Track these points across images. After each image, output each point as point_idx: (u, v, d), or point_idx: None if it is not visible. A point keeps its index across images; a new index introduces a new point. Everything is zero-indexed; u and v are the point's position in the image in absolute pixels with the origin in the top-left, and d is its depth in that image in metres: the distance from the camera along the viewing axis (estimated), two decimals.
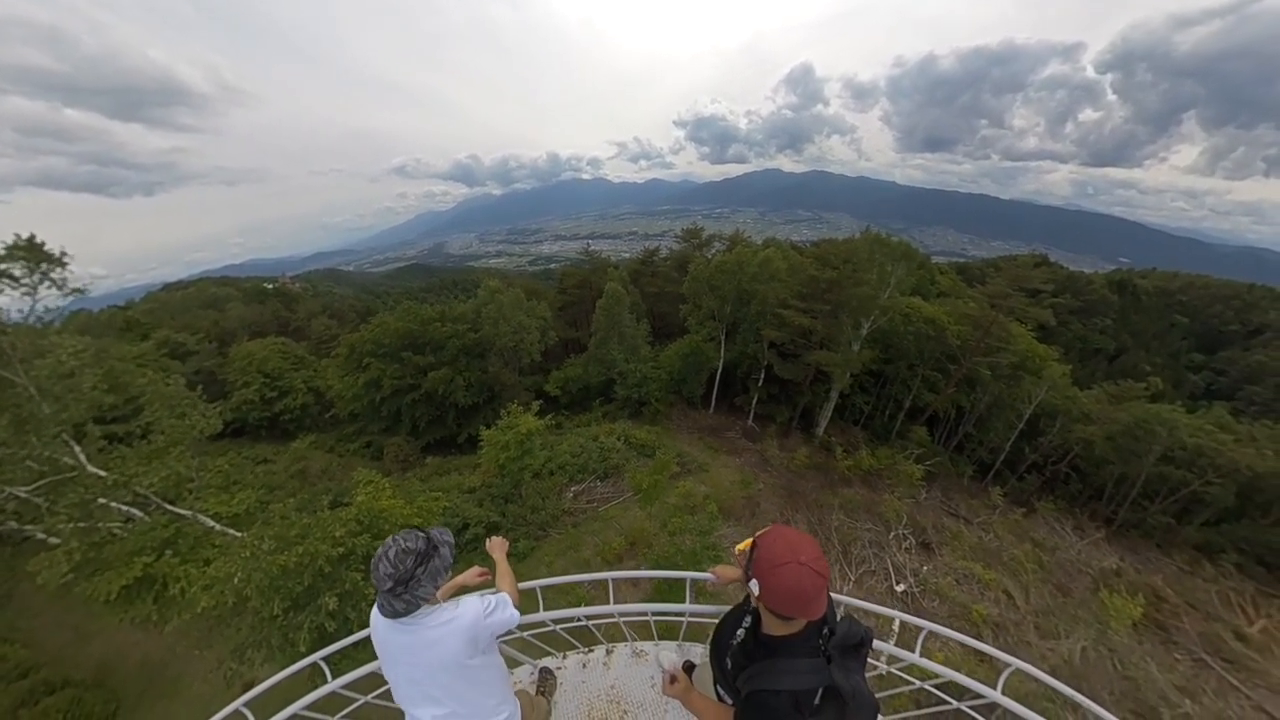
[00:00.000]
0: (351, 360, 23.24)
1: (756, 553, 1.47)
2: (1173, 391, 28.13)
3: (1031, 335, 23.13)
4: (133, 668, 9.64)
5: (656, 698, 3.07)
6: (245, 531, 10.49)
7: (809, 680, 1.43)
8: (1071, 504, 21.91)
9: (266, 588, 7.12)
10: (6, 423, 7.93)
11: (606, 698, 3.10)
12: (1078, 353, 34.10)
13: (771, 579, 1.39)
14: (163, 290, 51.63)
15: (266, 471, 18.02)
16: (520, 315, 24.68)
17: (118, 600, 9.71)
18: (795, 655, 1.48)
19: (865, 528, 16.09)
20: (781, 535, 1.48)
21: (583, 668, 3.31)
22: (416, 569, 1.71)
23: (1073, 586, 15.90)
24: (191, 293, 47.19)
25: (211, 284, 54.88)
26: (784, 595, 1.39)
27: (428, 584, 1.75)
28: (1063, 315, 35.49)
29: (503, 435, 16.31)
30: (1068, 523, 20.21)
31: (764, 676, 1.48)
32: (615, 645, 3.42)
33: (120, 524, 10.63)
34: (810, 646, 1.49)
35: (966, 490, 21.74)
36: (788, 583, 1.37)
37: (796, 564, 1.37)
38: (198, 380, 17.98)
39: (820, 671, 1.44)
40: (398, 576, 1.68)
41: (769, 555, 1.42)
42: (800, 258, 23.86)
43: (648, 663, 3.28)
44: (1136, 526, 20.53)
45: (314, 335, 35.77)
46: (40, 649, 9.85)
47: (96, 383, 9.39)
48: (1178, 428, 19.14)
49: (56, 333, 9.38)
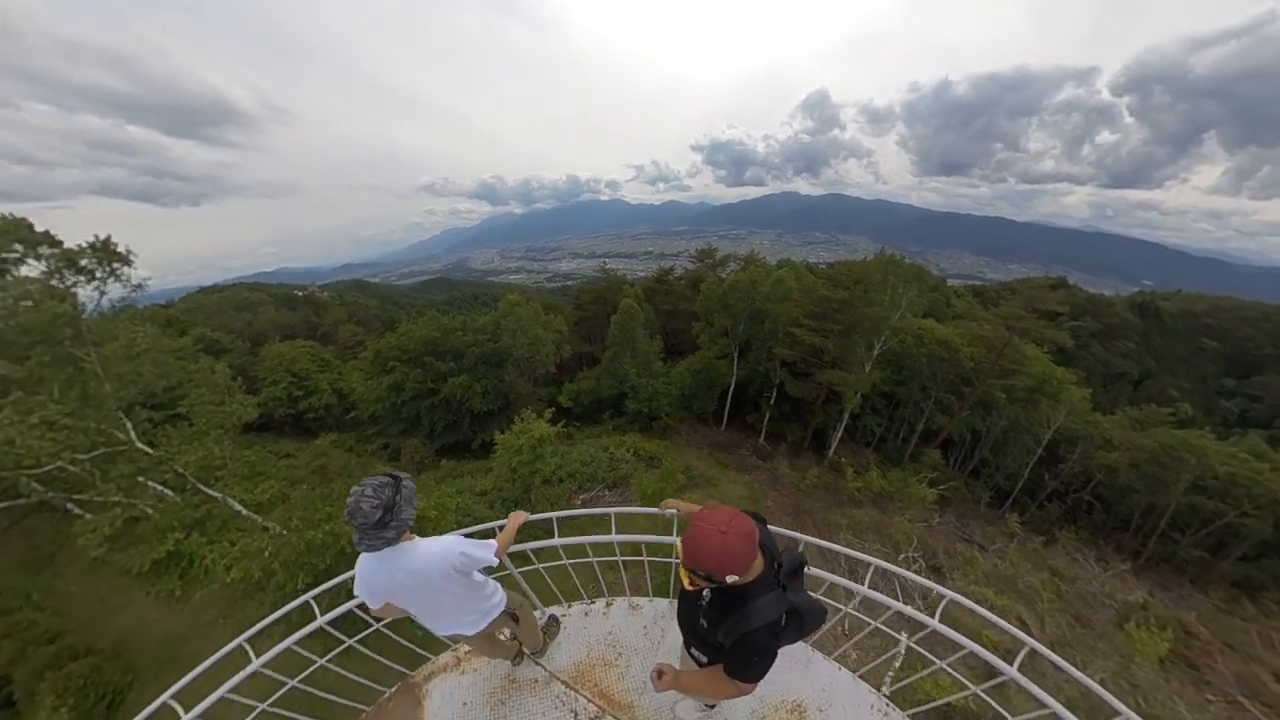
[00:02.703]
0: (377, 364, 24.16)
1: (688, 528, 1.62)
2: (1203, 417, 27.03)
3: (1049, 358, 22.73)
4: (153, 642, 10.04)
5: (648, 644, 3.34)
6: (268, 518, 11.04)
7: (776, 610, 1.69)
8: (1095, 534, 21.09)
9: (292, 562, 7.54)
10: (74, 397, 8.72)
11: (604, 642, 3.38)
12: (1100, 377, 33.12)
13: (689, 544, 1.57)
14: (199, 292, 54.32)
15: (289, 465, 18.69)
16: (537, 328, 25.39)
17: (148, 573, 10.27)
18: (761, 595, 1.68)
19: (873, 549, 15.83)
20: (708, 513, 1.62)
21: (585, 616, 3.59)
22: (395, 496, 1.93)
23: (1094, 618, 15.24)
24: (226, 295, 49.51)
25: (244, 289, 57.56)
26: (698, 556, 1.55)
27: (407, 509, 1.98)
28: (1083, 338, 34.72)
29: (516, 440, 16.72)
30: (1090, 553, 19.42)
31: (743, 621, 1.66)
32: (615, 599, 3.71)
33: (153, 503, 11.28)
34: (769, 582, 1.71)
35: (983, 517, 21.17)
36: (699, 545, 1.54)
37: (717, 533, 1.53)
38: (231, 375, 18.99)
39: (781, 600, 1.69)
40: (384, 504, 1.89)
41: (694, 529, 1.58)
42: (813, 278, 24.17)
43: (642, 615, 3.56)
44: (1167, 560, 19.60)
45: (341, 340, 37.14)
46: (69, 616, 10.35)
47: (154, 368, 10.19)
48: (1208, 455, 18.39)
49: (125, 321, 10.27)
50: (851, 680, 3.09)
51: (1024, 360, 21.02)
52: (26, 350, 8.59)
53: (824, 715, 2.90)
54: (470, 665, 3.28)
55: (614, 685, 3.07)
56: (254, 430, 23.45)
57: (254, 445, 19.47)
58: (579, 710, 2.92)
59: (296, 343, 29.43)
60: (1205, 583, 18.61)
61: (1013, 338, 20.88)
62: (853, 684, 3.08)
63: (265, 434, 24.82)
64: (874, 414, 24.12)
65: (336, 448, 22.75)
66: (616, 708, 2.91)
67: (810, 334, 20.85)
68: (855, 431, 24.30)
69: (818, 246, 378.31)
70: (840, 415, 22.70)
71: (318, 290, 69.75)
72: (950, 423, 22.78)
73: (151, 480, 11.20)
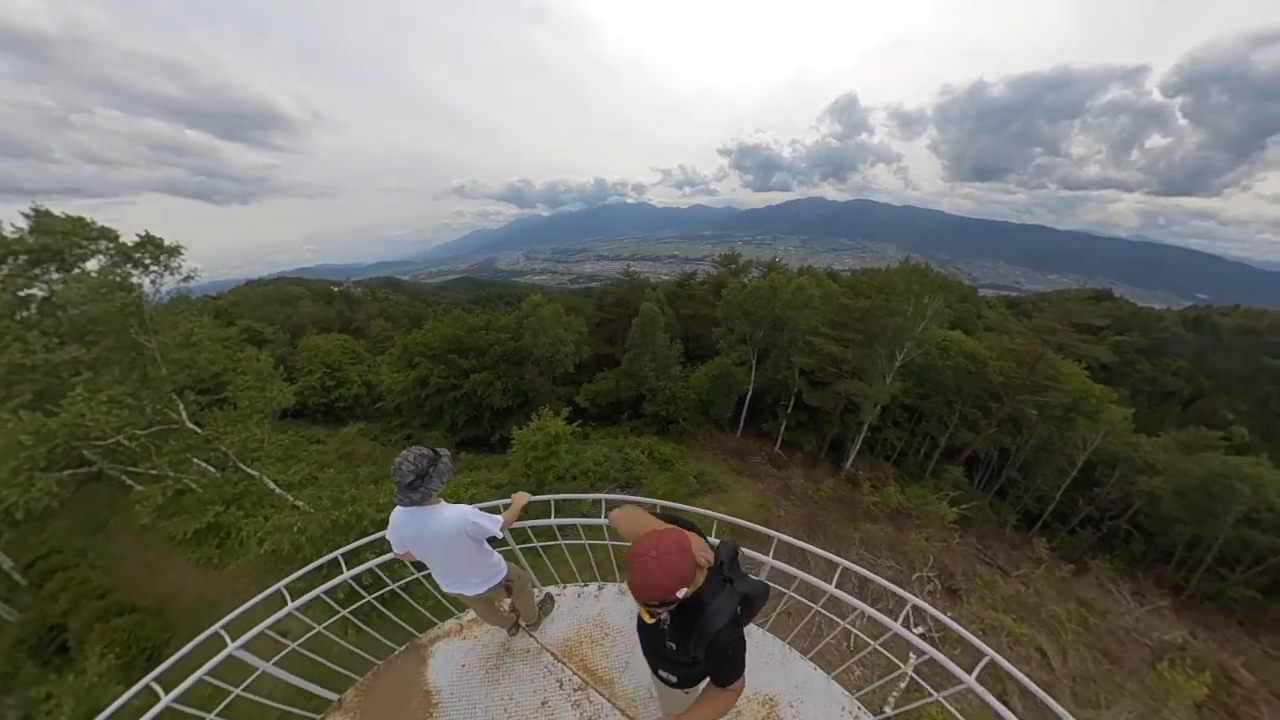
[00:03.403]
0: (404, 358, 25.18)
1: (629, 569, 1.63)
2: (1261, 443, 24.98)
3: (1087, 374, 21.61)
4: (189, 604, 10.81)
5: (633, 627, 3.54)
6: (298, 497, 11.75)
7: (731, 604, 1.74)
8: (1132, 565, 19.93)
9: (319, 539, 8.07)
10: (135, 379, 9.64)
11: (593, 622, 3.60)
12: (1146, 396, 31.07)
13: (635, 583, 1.58)
14: (246, 285, 57.70)
15: (319, 450, 19.71)
16: (559, 328, 25.91)
17: (189, 541, 11.10)
18: (714, 596, 1.73)
19: (886, 565, 15.48)
20: (637, 545, 1.64)
21: (578, 596, 3.82)
22: (429, 468, 2.38)
23: (1124, 656, 14.44)
24: (270, 289, 52.41)
25: (287, 283, 60.74)
26: (647, 589, 1.58)
27: (436, 480, 2.41)
28: (1128, 354, 32.71)
29: (532, 436, 17.17)
30: (1125, 586, 18.39)
31: (707, 627, 1.70)
32: (606, 583, 3.93)
33: (198, 478, 12.18)
34: (717, 581, 1.77)
35: (1008, 540, 20.33)
36: (643, 579, 1.57)
37: (651, 560, 1.57)
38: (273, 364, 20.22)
39: (733, 593, 1.76)
40: (418, 471, 2.34)
41: (632, 566, 1.60)
42: (835, 285, 23.85)
43: (630, 599, 3.75)
44: (1213, 598, 18.35)
45: (372, 335, 38.78)
46: (117, 576, 11.27)
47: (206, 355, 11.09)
48: (1264, 485, 17.06)
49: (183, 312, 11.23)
50: (825, 681, 3.15)
51: (1059, 376, 20.12)
52: (95, 336, 9.58)
53: (794, 711, 2.98)
54: (471, 632, 3.55)
55: (599, 662, 3.27)
56: (289, 416, 24.78)
57: (289, 430, 20.64)
58: (564, 681, 3.14)
59: (331, 336, 30.97)
60: (1255, 625, 17.33)
61: (1046, 352, 20.05)
62: (826, 685, 3.14)
63: (299, 420, 26.17)
64: (895, 427, 23.54)
65: (363, 436, 23.80)
66: (599, 682, 3.12)
67: (829, 343, 20.59)
68: (875, 444, 23.76)
69: (843, 253, 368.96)
70: (859, 427, 22.28)
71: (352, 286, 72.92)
72: (976, 439, 22.02)
73: (198, 457, 12.12)
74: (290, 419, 25.03)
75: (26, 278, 9.50)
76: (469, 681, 3.19)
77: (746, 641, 1.84)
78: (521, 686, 3.13)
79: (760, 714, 2.97)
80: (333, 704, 3.16)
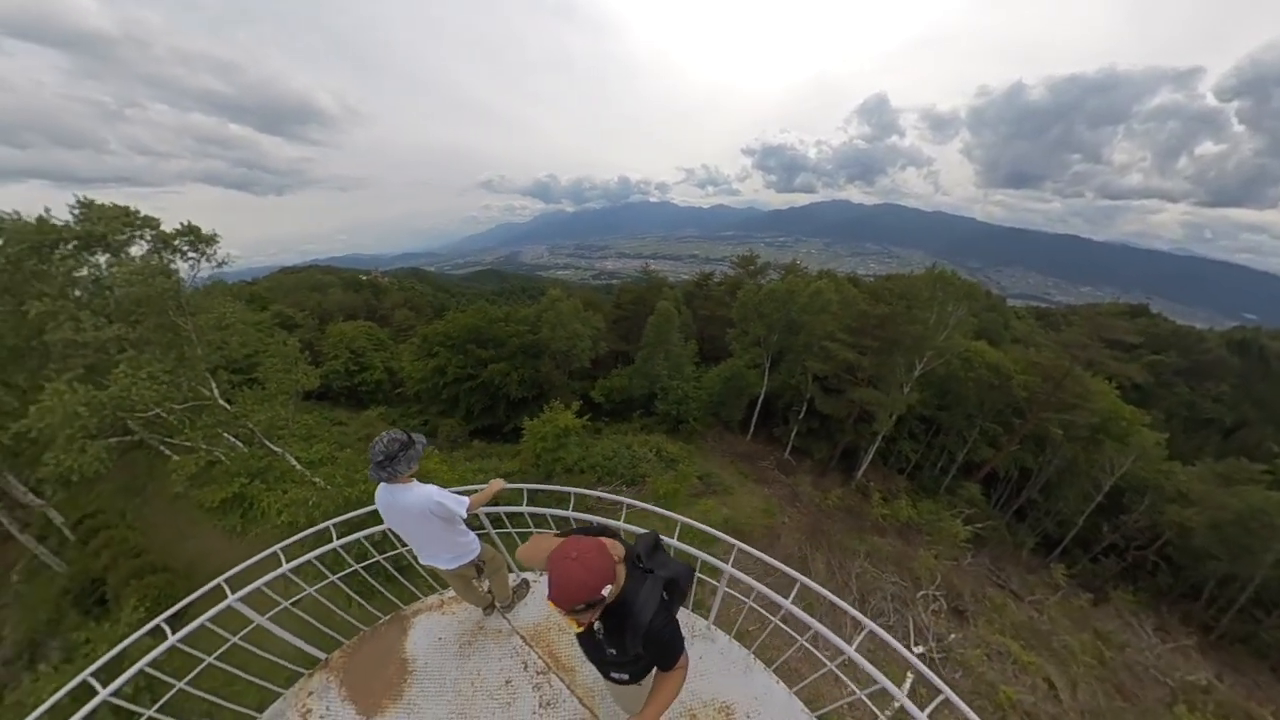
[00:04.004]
0: (424, 347, 26.00)
1: (550, 581, 1.61)
2: None
3: (1117, 394, 20.62)
4: (214, 567, 11.50)
5: None
6: (316, 474, 12.38)
7: (656, 592, 1.78)
8: (1157, 599, 18.96)
9: (331, 514, 8.51)
10: (173, 358, 10.40)
11: None
12: (1182, 421, 29.26)
13: (558, 590, 1.57)
14: (279, 272, 60.41)
15: (340, 431, 20.59)
16: (576, 323, 26.26)
17: (216, 509, 11.85)
18: (638, 590, 1.77)
19: (890, 580, 15.17)
20: (554, 554, 1.64)
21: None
22: (400, 451, 2.57)
23: (1140, 694, 13.78)
24: (302, 277, 54.72)
25: (318, 271, 63.25)
26: (570, 592, 1.55)
27: (404, 463, 2.60)
28: (1165, 375, 30.82)
29: (543, 427, 17.54)
30: (1148, 620, 17.51)
31: (638, 621, 1.73)
32: None
33: (227, 452, 12.96)
34: (638, 575, 1.81)
35: (1023, 563, 19.63)
36: (565, 582, 1.55)
37: (572, 563, 1.57)
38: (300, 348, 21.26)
39: (656, 582, 1.81)
40: (388, 453, 2.54)
41: (552, 575, 1.59)
42: (855, 291, 23.40)
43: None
44: (1245, 641, 17.32)
45: (396, 323, 40.09)
46: (152, 538, 12.15)
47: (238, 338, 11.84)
48: None
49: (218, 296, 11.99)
50: (787, 695, 3.11)
51: (1087, 394, 19.26)
52: (138, 317, 10.35)
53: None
54: (450, 609, 3.78)
55: (564, 649, 3.42)
56: (314, 398, 25.94)
57: (312, 411, 21.60)
58: (529, 663, 3.31)
59: (357, 323, 32.19)
60: None
61: (1074, 368, 19.22)
62: (787, 699, 3.09)
63: (323, 402, 27.36)
64: (910, 439, 22.97)
65: (382, 420, 24.71)
66: (561, 668, 3.27)
67: (846, 349, 20.24)
68: (888, 456, 23.25)
69: (868, 258, 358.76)
70: (872, 436, 21.85)
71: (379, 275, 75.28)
72: (996, 456, 21.31)
73: (227, 432, 12.93)
74: (315, 400, 26.19)
75: (77, 260, 10.31)
76: (443, 654, 3.40)
77: (681, 626, 1.90)
78: (490, 664, 3.31)
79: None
80: (320, 662, 3.43)
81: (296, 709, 3.12)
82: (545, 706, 3.06)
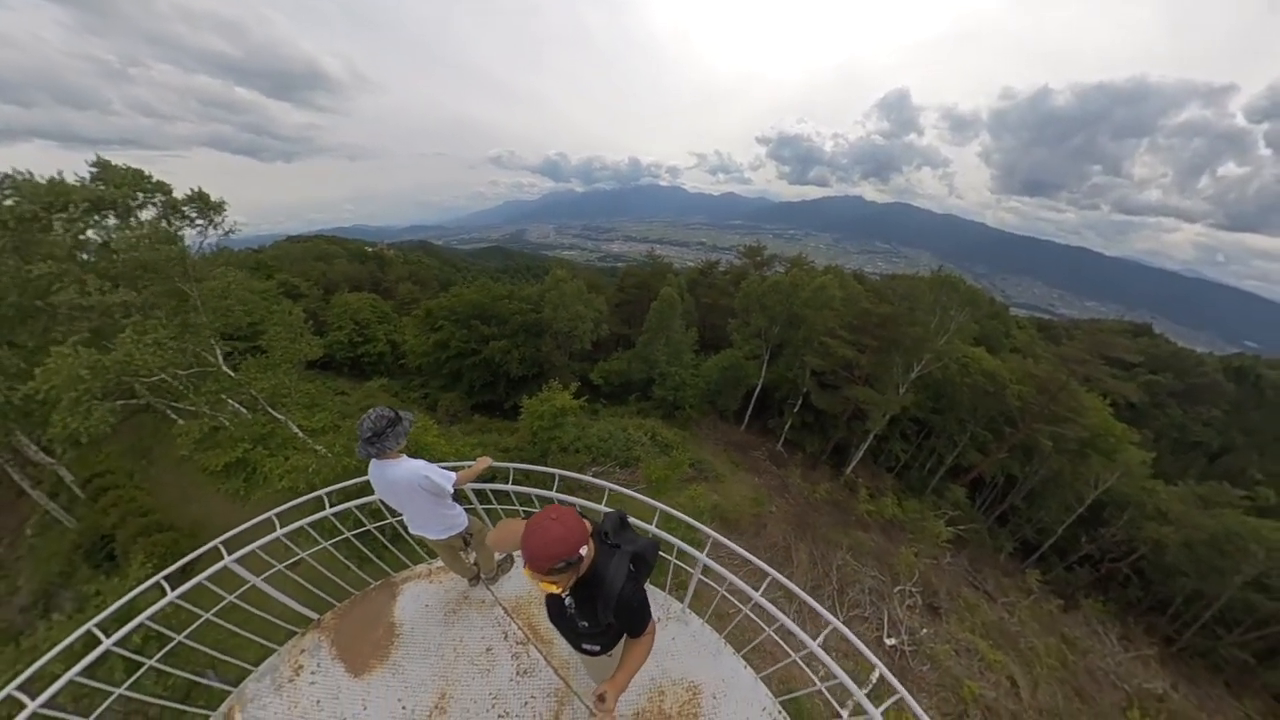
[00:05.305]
0: (428, 321, 26.15)
1: (525, 543, 1.72)
2: None
3: (1111, 411, 20.83)
4: (217, 528, 11.95)
5: None
6: (317, 441, 12.70)
7: (624, 565, 1.88)
8: (1125, 610, 19.51)
9: (330, 481, 8.82)
10: (178, 324, 10.60)
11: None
12: (1171, 442, 29.52)
13: (537, 550, 1.68)
14: (286, 240, 60.09)
15: (342, 401, 20.91)
16: (579, 305, 26.30)
17: (220, 473, 12.22)
18: (607, 563, 1.86)
19: (870, 574, 15.62)
20: (531, 520, 1.75)
21: None
22: (387, 428, 2.71)
23: (1098, 697, 14.34)
24: (308, 246, 54.41)
25: (324, 241, 62.86)
26: (551, 549, 1.66)
27: (391, 441, 2.73)
28: (1159, 396, 30.98)
29: (540, 406, 17.82)
30: (1114, 629, 18.06)
31: (609, 592, 1.82)
32: None
33: (230, 417, 13.28)
34: (607, 550, 1.91)
35: (1000, 567, 20.12)
36: (545, 540, 1.68)
37: (552, 522, 1.69)
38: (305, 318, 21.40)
39: (623, 556, 1.91)
40: (375, 430, 2.67)
41: (530, 536, 1.71)
42: (859, 288, 23.37)
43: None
44: (1204, 655, 17.92)
45: (400, 296, 40.12)
46: (158, 498, 12.58)
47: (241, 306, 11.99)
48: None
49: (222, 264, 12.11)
50: (753, 680, 3.26)
51: (1080, 409, 19.44)
52: (145, 281, 10.48)
53: (715, 703, 3.10)
54: (438, 579, 4.04)
55: (542, 622, 3.64)
56: (317, 367, 26.23)
57: (315, 380, 21.91)
58: (509, 634, 3.57)
59: (362, 294, 32.28)
60: (1242, 689, 16.88)
61: (1070, 382, 19.35)
62: (753, 683, 3.21)
63: (326, 371, 27.67)
64: (902, 439, 23.25)
65: (384, 391, 25.03)
66: (539, 639, 3.52)
67: (845, 346, 20.35)
68: (879, 454, 23.57)
69: (876, 256, 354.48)
70: (865, 434, 22.14)
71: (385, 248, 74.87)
72: (984, 462, 21.60)
73: (231, 399, 13.21)
74: (318, 370, 26.49)
75: (85, 222, 10.39)
76: (428, 620, 3.67)
77: (650, 604, 2.02)
78: (472, 632, 3.58)
79: (682, 698, 3.13)
80: (313, 622, 3.71)
81: (289, 664, 3.38)
82: (522, 675, 3.31)
